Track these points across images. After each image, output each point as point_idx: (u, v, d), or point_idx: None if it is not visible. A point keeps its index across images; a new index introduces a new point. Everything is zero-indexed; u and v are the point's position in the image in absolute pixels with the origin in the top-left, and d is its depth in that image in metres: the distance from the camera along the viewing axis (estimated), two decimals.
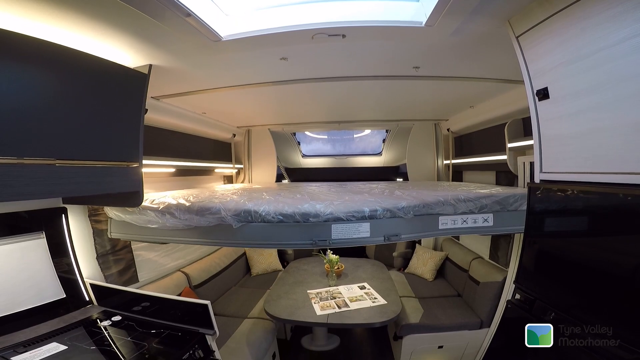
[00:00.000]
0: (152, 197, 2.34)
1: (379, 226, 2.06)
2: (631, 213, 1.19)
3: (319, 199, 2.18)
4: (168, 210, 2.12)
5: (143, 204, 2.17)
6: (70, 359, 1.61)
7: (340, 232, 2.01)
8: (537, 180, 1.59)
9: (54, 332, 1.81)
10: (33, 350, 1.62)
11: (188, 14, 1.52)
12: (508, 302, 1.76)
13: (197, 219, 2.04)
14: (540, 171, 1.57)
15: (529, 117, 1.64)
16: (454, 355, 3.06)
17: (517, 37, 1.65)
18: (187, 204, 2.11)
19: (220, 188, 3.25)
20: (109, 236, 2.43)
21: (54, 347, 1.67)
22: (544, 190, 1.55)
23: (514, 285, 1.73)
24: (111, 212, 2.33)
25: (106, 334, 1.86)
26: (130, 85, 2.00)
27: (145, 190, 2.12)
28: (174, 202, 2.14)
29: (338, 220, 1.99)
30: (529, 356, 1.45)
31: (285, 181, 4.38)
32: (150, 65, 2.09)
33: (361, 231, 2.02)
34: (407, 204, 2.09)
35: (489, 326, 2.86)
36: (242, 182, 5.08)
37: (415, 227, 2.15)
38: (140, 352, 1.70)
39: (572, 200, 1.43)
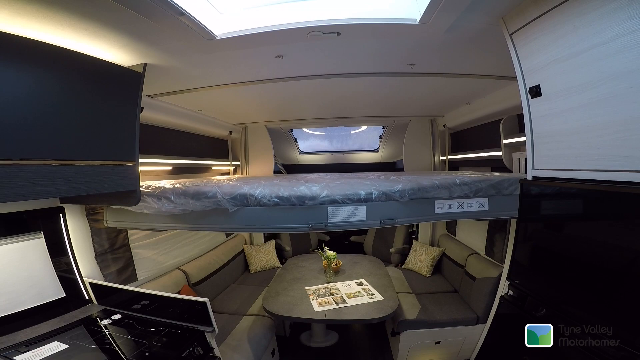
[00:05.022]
0: (148, 183, 2.33)
1: (375, 209, 2.06)
2: (618, 209, 1.21)
3: (315, 182, 2.19)
4: (164, 195, 2.10)
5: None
6: (72, 358, 1.63)
7: (337, 215, 2.01)
8: (529, 177, 1.61)
9: (55, 332, 1.83)
10: (35, 350, 1.63)
11: (181, 12, 1.52)
12: (501, 298, 1.79)
13: (193, 203, 2.03)
14: (533, 168, 1.59)
15: None
16: (451, 350, 3.09)
17: (510, 35, 1.66)
18: (183, 187, 2.10)
19: (217, 178, 3.25)
20: (105, 225, 2.41)
21: (56, 346, 1.68)
22: (536, 187, 1.57)
23: (507, 282, 1.75)
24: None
25: (106, 333, 1.88)
26: (125, 84, 2.00)
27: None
28: (170, 186, 2.13)
29: (334, 203, 1.99)
30: (523, 352, 1.48)
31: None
32: (145, 64, 2.08)
33: (357, 214, 2.02)
34: (403, 186, 2.09)
35: (485, 322, 2.89)
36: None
37: (411, 211, 2.15)
38: (141, 350, 1.72)
39: (561, 197, 1.45)
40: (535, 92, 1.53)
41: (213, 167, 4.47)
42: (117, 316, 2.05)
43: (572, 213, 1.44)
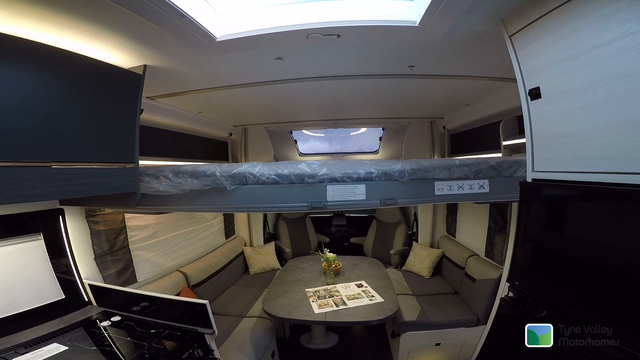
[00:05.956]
0: (147, 162, 2.31)
1: (375, 189, 2.06)
2: (618, 211, 1.21)
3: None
4: (162, 173, 2.09)
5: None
6: None
7: (336, 194, 2.00)
8: (529, 179, 1.61)
9: (55, 333, 1.83)
10: (34, 351, 1.63)
11: (182, 15, 1.52)
12: (501, 299, 1.78)
13: (191, 182, 2.03)
14: (532, 170, 1.59)
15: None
16: (452, 352, 3.09)
17: (510, 37, 1.65)
18: (181, 166, 2.09)
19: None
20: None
21: (55, 348, 1.68)
22: (535, 189, 1.57)
23: (507, 283, 1.75)
24: None
25: (106, 334, 1.88)
26: (125, 86, 2.00)
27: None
28: (168, 164, 2.11)
29: (334, 181, 1.99)
30: (523, 353, 1.48)
31: None
32: (145, 66, 2.08)
33: (357, 193, 2.02)
34: (402, 166, 2.10)
35: (485, 323, 2.89)
36: None
37: (411, 191, 2.14)
38: (140, 352, 1.72)
39: (561, 199, 1.45)
40: (535, 94, 1.52)
41: None
42: (117, 318, 2.05)
43: (572, 215, 1.44)
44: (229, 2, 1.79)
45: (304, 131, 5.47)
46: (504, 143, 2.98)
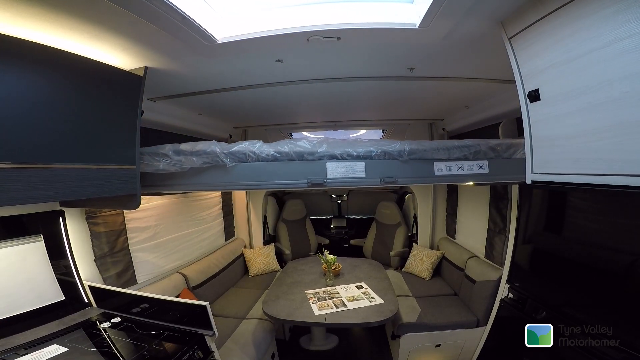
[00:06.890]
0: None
1: (375, 167, 2.08)
2: (617, 213, 1.22)
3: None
4: (162, 151, 2.09)
5: None
6: None
7: (336, 171, 2.01)
8: (528, 181, 1.61)
9: (54, 334, 1.83)
10: (34, 353, 1.63)
11: (183, 17, 1.53)
12: (501, 301, 1.79)
13: (191, 159, 2.04)
14: (531, 172, 1.59)
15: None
16: (452, 353, 3.08)
17: (509, 39, 1.66)
18: (181, 144, 2.09)
19: None
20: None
21: (55, 349, 1.68)
22: (534, 191, 1.57)
23: (507, 285, 1.75)
24: None
25: (106, 336, 1.88)
26: (126, 87, 2.00)
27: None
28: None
29: (333, 158, 2.01)
30: (523, 354, 1.48)
31: None
32: (146, 68, 2.09)
33: (356, 171, 2.03)
34: (401, 146, 2.12)
35: (485, 325, 2.88)
36: None
37: (411, 170, 2.16)
38: (140, 354, 1.72)
39: (560, 200, 1.46)
40: (534, 96, 1.53)
41: None
42: (117, 319, 2.05)
43: (570, 216, 1.45)
44: (230, 4, 1.80)
45: (304, 133, 5.48)
46: None
